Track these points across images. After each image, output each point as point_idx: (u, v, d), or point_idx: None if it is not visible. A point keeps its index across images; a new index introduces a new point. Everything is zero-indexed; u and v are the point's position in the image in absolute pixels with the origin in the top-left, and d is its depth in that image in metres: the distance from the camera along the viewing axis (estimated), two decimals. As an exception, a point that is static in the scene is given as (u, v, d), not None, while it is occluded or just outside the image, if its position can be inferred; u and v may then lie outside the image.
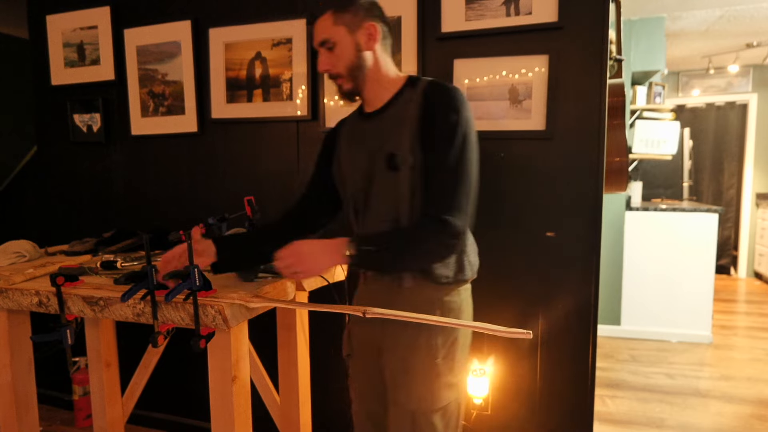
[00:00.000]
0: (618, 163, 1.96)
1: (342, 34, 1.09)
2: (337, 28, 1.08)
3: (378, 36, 1.11)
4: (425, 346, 1.10)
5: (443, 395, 1.11)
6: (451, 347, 1.12)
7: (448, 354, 1.11)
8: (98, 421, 1.84)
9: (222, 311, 1.04)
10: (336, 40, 1.09)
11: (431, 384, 1.10)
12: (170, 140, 2.04)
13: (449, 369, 1.11)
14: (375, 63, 1.12)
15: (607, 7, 1.51)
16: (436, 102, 1.06)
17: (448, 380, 1.11)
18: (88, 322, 1.79)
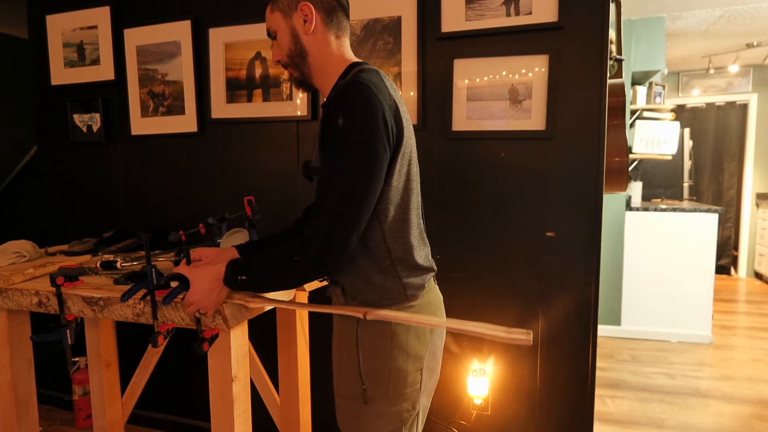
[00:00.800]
0: (618, 163, 1.96)
1: (279, 20, 1.03)
2: (275, 15, 1.03)
3: (314, 18, 1.01)
4: (353, 370, 1.00)
5: (373, 425, 1.00)
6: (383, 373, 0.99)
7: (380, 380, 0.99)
8: (98, 421, 1.84)
9: (222, 311, 1.04)
10: (275, 28, 1.04)
11: (358, 411, 1.01)
12: (170, 140, 2.04)
13: (382, 396, 0.99)
14: (317, 49, 1.03)
15: (607, 7, 1.51)
16: (332, 106, 0.92)
17: (380, 409, 0.99)
18: (88, 322, 1.79)
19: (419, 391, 1.03)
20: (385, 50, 1.71)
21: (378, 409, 1.00)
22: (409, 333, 1.00)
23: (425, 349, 1.03)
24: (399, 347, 0.99)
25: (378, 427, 1.00)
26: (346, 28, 1.07)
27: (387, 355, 0.99)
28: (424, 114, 1.70)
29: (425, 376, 1.04)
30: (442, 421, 1.80)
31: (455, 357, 1.77)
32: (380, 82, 0.95)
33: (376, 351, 0.99)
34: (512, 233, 1.66)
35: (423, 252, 1.05)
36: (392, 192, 0.96)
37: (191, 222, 2.00)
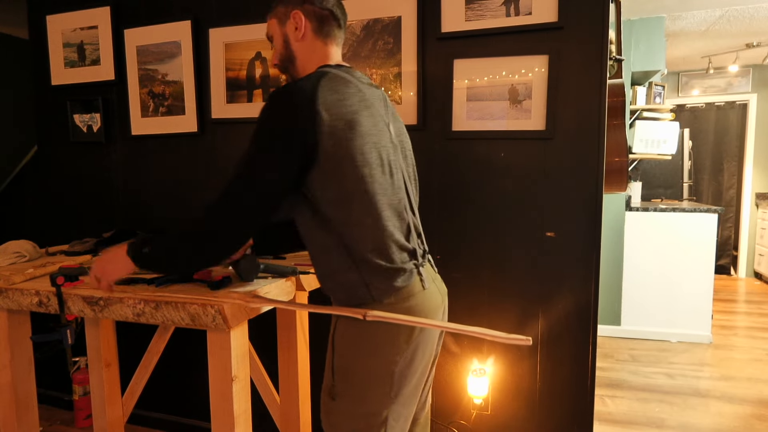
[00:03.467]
0: (618, 163, 1.96)
1: (275, 26, 1.11)
2: (272, 21, 1.11)
3: (304, 25, 1.07)
4: (329, 366, 1.05)
5: (342, 421, 1.02)
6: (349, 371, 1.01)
7: (350, 380, 1.01)
8: (98, 421, 1.84)
9: (222, 311, 1.04)
10: (271, 33, 1.11)
11: (328, 405, 1.05)
12: (170, 140, 2.04)
13: (347, 396, 1.01)
14: (304, 54, 1.09)
15: (607, 7, 1.51)
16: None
17: (348, 408, 1.01)
18: (88, 322, 1.79)
19: (389, 396, 1.01)
20: (385, 50, 1.71)
21: (344, 407, 1.02)
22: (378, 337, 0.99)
23: (399, 355, 1.01)
24: (367, 349, 1.00)
25: (343, 425, 1.02)
26: (337, 37, 1.12)
27: (355, 355, 1.01)
28: (424, 114, 1.71)
29: (398, 382, 1.01)
30: (442, 421, 1.80)
31: (455, 357, 1.77)
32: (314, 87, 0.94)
33: (346, 350, 1.02)
34: (512, 233, 1.67)
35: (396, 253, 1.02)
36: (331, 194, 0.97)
37: (191, 222, 1.99)
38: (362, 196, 0.98)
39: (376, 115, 1.03)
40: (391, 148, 1.05)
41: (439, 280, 1.15)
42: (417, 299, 1.04)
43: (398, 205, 1.04)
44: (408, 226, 1.06)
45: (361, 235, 0.99)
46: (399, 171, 1.07)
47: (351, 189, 0.97)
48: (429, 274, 1.10)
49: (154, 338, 1.85)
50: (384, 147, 1.03)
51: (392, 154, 1.05)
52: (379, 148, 1.01)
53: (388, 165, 1.03)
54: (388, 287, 1.00)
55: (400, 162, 1.09)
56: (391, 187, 1.03)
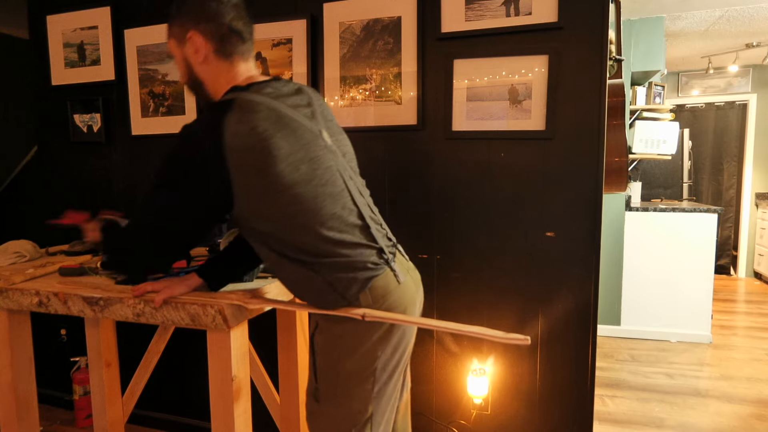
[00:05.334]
0: (618, 163, 1.96)
1: (173, 47, 1.03)
2: (170, 41, 1.03)
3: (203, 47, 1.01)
4: (312, 368, 1.06)
5: (327, 422, 1.03)
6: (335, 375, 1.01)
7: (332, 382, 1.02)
8: (98, 421, 1.84)
9: (222, 311, 1.04)
10: (171, 53, 1.05)
11: (312, 407, 1.06)
12: (170, 140, 2.03)
13: (329, 398, 1.02)
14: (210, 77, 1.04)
15: (607, 7, 1.51)
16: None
17: (326, 410, 1.03)
18: (88, 322, 1.79)
19: (371, 392, 1.02)
20: (385, 50, 1.71)
21: (328, 408, 1.02)
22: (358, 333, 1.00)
23: (380, 350, 1.01)
24: (346, 348, 1.00)
25: (327, 426, 1.03)
26: (244, 53, 1.05)
27: (335, 355, 1.01)
28: (423, 114, 1.71)
29: (380, 377, 1.02)
30: (442, 421, 1.80)
31: (455, 357, 1.77)
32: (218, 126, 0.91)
33: (326, 351, 1.02)
34: (512, 233, 1.67)
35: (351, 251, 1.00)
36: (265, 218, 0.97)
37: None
38: (298, 215, 0.96)
39: (297, 129, 0.97)
40: (325, 155, 1.02)
41: (412, 268, 1.14)
42: (394, 296, 1.03)
43: (342, 210, 1.01)
44: (362, 225, 1.03)
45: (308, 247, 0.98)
46: (337, 175, 1.03)
47: (285, 211, 0.96)
48: (402, 266, 1.09)
49: (154, 338, 1.85)
50: (315, 158, 0.99)
51: (328, 161, 1.02)
52: (306, 161, 0.97)
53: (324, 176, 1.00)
54: (352, 280, 0.99)
55: (339, 164, 1.05)
56: (330, 197, 0.99)
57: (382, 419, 1.05)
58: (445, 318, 1.73)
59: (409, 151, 1.73)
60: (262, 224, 0.98)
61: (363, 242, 1.02)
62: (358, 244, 1.01)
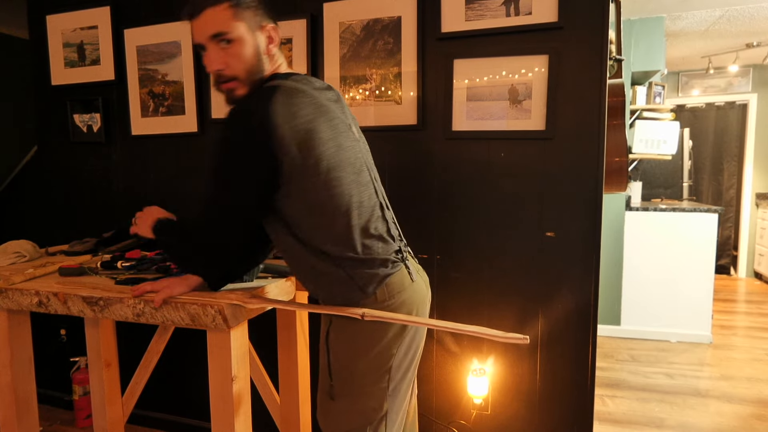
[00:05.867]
0: (618, 163, 1.96)
1: (242, 31, 0.99)
2: (237, 23, 0.98)
3: (276, 40, 1.06)
4: (325, 366, 1.05)
5: (341, 420, 1.03)
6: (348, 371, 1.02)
7: (346, 378, 1.02)
8: (98, 421, 1.84)
9: (222, 311, 1.04)
10: (234, 36, 0.98)
11: (327, 405, 1.06)
12: (170, 140, 2.04)
13: (347, 394, 1.02)
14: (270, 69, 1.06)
15: (607, 7, 1.51)
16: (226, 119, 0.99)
17: (347, 405, 1.02)
18: (88, 322, 1.79)
19: (387, 390, 1.03)
20: (385, 50, 1.71)
21: (343, 405, 1.02)
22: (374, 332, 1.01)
23: (395, 347, 1.02)
24: (364, 346, 1.01)
25: (343, 424, 1.02)
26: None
27: (350, 354, 1.02)
28: (423, 114, 1.71)
29: (395, 375, 1.03)
30: (442, 421, 1.80)
31: (455, 357, 1.77)
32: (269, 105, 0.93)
33: (342, 349, 1.02)
34: (512, 233, 1.67)
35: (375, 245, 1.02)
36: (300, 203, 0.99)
37: (191, 222, 2.00)
38: (331, 199, 0.98)
39: (334, 118, 1.03)
40: (355, 146, 1.07)
41: (421, 270, 1.16)
42: (408, 292, 1.05)
43: (368, 200, 1.05)
44: (384, 218, 1.08)
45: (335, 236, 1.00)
46: (365, 168, 1.08)
47: (320, 195, 0.98)
48: (413, 265, 1.12)
49: (154, 338, 1.85)
50: (349, 147, 1.03)
51: (358, 153, 1.07)
52: (343, 150, 1.01)
53: (355, 164, 1.04)
54: (373, 276, 1.01)
55: (366, 157, 1.11)
56: (359, 185, 1.03)
57: (396, 417, 1.06)
58: (445, 318, 1.73)
59: (409, 151, 1.73)
60: (294, 208, 0.99)
61: (384, 236, 1.05)
62: (380, 237, 1.04)
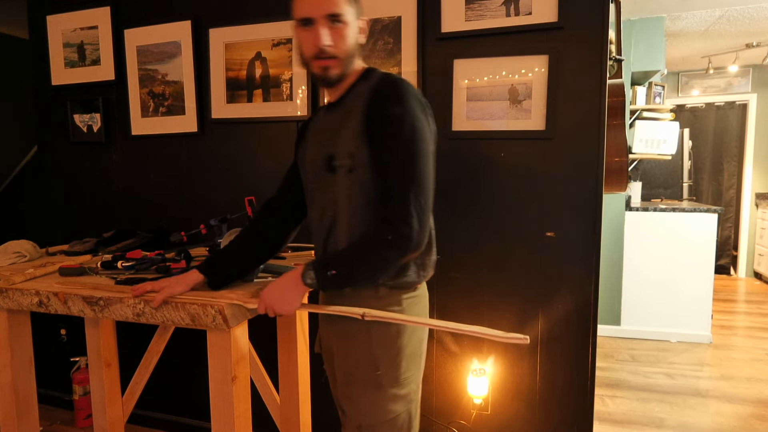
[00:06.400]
0: (618, 163, 1.96)
1: (351, 16, 1.03)
2: (349, 7, 1.02)
3: (366, 33, 1.11)
4: (366, 358, 1.05)
5: (389, 408, 1.05)
6: (394, 359, 1.05)
7: (392, 366, 1.05)
8: (98, 421, 1.84)
9: (222, 311, 1.04)
10: (346, 18, 1.01)
11: (373, 396, 1.05)
12: (170, 140, 2.04)
13: (394, 381, 1.05)
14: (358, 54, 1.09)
15: (607, 7, 1.51)
16: (379, 97, 0.99)
17: (393, 392, 1.05)
18: (88, 322, 1.79)
19: (420, 373, 1.13)
20: (385, 50, 1.71)
21: (391, 392, 1.05)
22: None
23: (423, 334, 1.13)
24: (405, 334, 1.07)
25: (393, 410, 1.05)
26: None
27: (396, 341, 1.05)
28: (424, 114, 1.70)
29: (421, 360, 1.13)
30: (441, 421, 1.80)
31: (455, 357, 1.77)
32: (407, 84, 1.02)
33: (386, 338, 1.05)
34: (512, 233, 1.67)
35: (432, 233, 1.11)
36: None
37: (191, 222, 2.00)
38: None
39: None
40: None
41: None
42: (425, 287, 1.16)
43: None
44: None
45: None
46: None
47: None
48: None
49: (154, 338, 1.85)
50: None
51: None
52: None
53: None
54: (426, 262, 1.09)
55: None
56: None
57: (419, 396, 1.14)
58: (445, 318, 1.73)
59: (409, 151, 1.73)
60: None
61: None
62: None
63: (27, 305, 1.23)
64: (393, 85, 0.99)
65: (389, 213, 0.96)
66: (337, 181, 1.03)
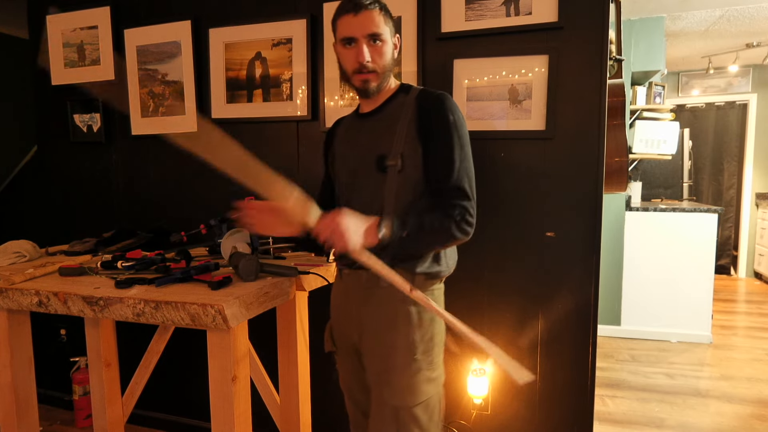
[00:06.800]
0: (618, 163, 1.96)
1: (388, 34, 1.15)
2: (386, 27, 1.14)
3: (399, 49, 1.22)
4: (404, 344, 1.13)
5: (424, 389, 1.13)
6: (429, 343, 1.15)
7: (427, 350, 1.14)
8: (98, 421, 1.84)
9: (222, 311, 1.04)
10: (385, 37, 1.14)
11: (412, 379, 1.12)
12: (170, 140, 2.03)
13: (428, 364, 1.15)
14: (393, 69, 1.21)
15: (607, 7, 1.51)
16: (430, 107, 1.13)
17: (427, 375, 1.14)
18: (88, 322, 1.79)
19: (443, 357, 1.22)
20: (385, 50, 1.71)
21: (426, 375, 1.14)
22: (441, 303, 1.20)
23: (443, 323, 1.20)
24: (436, 321, 1.17)
25: (427, 391, 1.14)
26: None
27: (429, 328, 1.15)
28: (424, 114, 1.70)
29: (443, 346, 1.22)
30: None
31: (455, 357, 1.77)
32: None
33: (422, 325, 1.14)
34: (512, 233, 1.66)
35: None
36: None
37: (191, 222, 1.99)
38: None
39: None
40: None
41: None
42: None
43: None
44: None
45: None
46: None
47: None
48: None
49: (154, 338, 1.85)
50: None
51: None
52: None
53: None
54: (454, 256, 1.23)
55: None
56: None
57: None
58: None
59: (409, 151, 1.73)
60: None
61: None
62: None
63: (27, 305, 1.23)
64: (442, 96, 1.14)
65: (455, 200, 1.08)
66: (386, 179, 1.13)
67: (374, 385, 1.17)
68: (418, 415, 1.13)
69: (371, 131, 1.19)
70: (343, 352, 1.28)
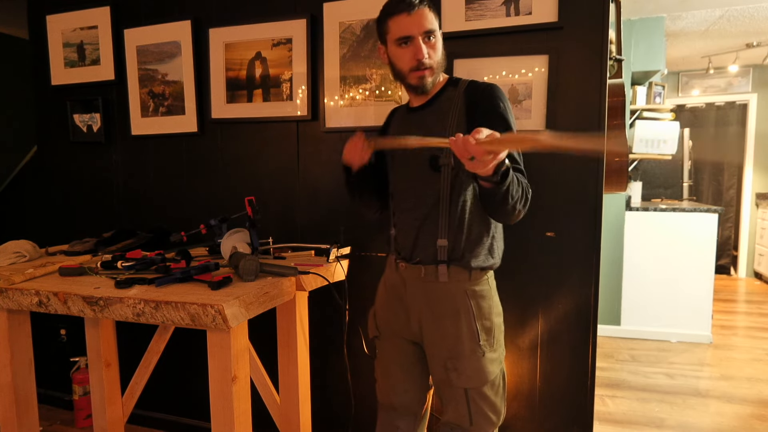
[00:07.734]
0: (618, 163, 1.96)
1: (438, 30, 1.19)
2: (436, 22, 1.18)
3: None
4: (468, 334, 1.20)
5: (489, 370, 1.21)
6: (491, 327, 1.23)
7: (489, 334, 1.22)
8: (98, 421, 1.84)
9: (222, 311, 1.04)
10: (438, 34, 1.18)
11: (478, 364, 1.20)
12: (170, 140, 2.04)
13: (490, 345, 1.22)
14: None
15: (607, 7, 1.51)
16: (482, 97, 1.17)
17: (491, 357, 1.22)
18: (88, 322, 1.79)
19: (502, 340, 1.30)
20: (385, 50, 1.71)
21: (490, 356, 1.22)
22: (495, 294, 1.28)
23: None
24: (495, 306, 1.26)
25: (493, 370, 1.22)
26: None
27: (490, 313, 1.23)
28: (424, 114, 1.70)
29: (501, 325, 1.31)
30: (442, 421, 1.80)
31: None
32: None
33: (484, 311, 1.22)
34: (512, 233, 1.66)
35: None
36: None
37: (191, 222, 2.00)
38: None
39: None
40: None
41: None
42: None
43: None
44: None
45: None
46: None
47: None
48: None
49: (154, 338, 1.85)
50: None
51: None
52: None
53: None
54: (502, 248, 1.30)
55: None
56: None
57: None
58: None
59: (409, 151, 1.73)
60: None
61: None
62: None
63: (27, 305, 1.23)
64: (491, 86, 1.18)
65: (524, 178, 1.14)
66: (441, 178, 1.18)
67: (441, 371, 1.24)
68: (486, 394, 1.22)
69: (421, 125, 1.22)
70: (387, 338, 1.34)
